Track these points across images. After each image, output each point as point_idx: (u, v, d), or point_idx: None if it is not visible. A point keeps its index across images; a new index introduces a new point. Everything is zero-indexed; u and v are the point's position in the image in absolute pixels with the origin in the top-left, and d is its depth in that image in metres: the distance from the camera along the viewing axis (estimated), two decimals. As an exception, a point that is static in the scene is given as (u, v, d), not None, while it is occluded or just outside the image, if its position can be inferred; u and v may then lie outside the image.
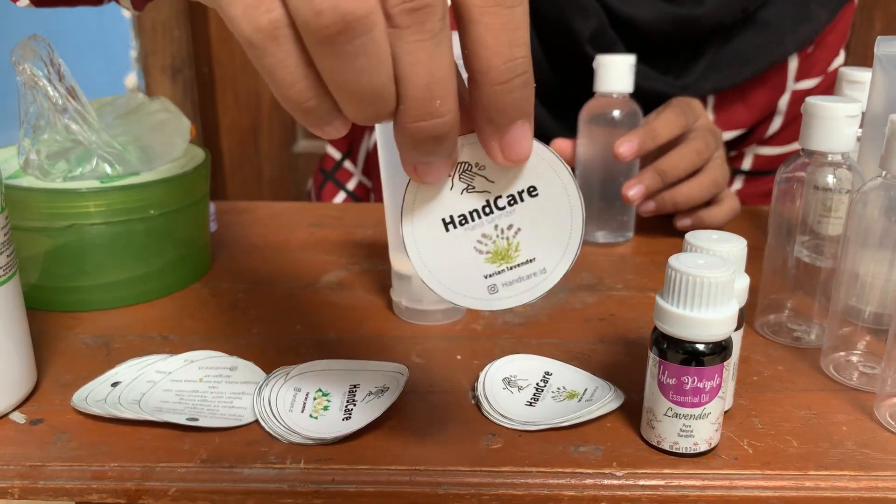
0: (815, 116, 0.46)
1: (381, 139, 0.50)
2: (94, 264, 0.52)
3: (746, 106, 0.76)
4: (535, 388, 0.43)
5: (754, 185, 0.82)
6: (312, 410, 0.40)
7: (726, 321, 0.36)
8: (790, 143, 0.81)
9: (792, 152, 0.79)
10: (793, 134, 0.80)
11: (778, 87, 0.77)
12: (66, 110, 0.52)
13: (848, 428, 0.41)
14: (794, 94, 0.78)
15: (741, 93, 0.76)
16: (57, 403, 0.42)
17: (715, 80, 0.73)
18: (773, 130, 0.80)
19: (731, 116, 0.76)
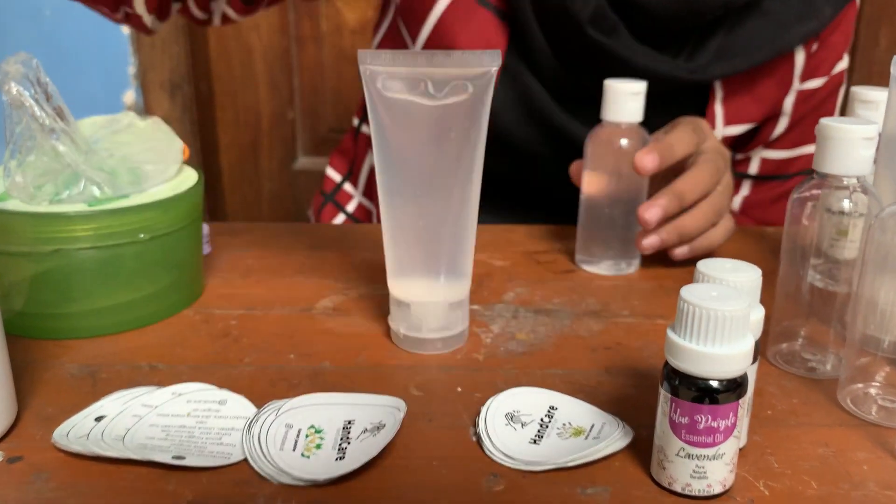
0: (829, 138, 0.44)
1: (378, 162, 0.48)
2: (81, 290, 0.50)
3: (754, 99, 0.74)
4: (539, 424, 0.41)
5: (761, 191, 0.81)
6: (304, 449, 0.38)
7: (742, 357, 0.34)
8: (797, 147, 0.79)
9: (799, 157, 0.78)
10: (798, 137, 0.78)
11: (784, 83, 0.75)
12: (54, 131, 0.50)
13: (869, 467, 0.39)
14: (800, 94, 0.77)
15: (749, 85, 0.74)
16: (38, 439, 0.40)
17: (724, 66, 0.71)
18: (778, 132, 0.78)
19: (739, 109, 0.74)
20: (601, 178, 0.62)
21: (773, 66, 0.73)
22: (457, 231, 0.48)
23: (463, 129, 0.46)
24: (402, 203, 0.48)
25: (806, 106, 0.77)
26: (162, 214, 0.52)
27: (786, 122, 0.77)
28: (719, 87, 0.74)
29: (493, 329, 0.53)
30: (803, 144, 0.79)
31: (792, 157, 0.79)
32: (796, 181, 0.77)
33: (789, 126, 0.78)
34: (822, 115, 0.76)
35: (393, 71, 0.45)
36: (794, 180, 0.80)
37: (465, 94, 0.46)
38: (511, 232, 0.72)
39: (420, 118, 0.46)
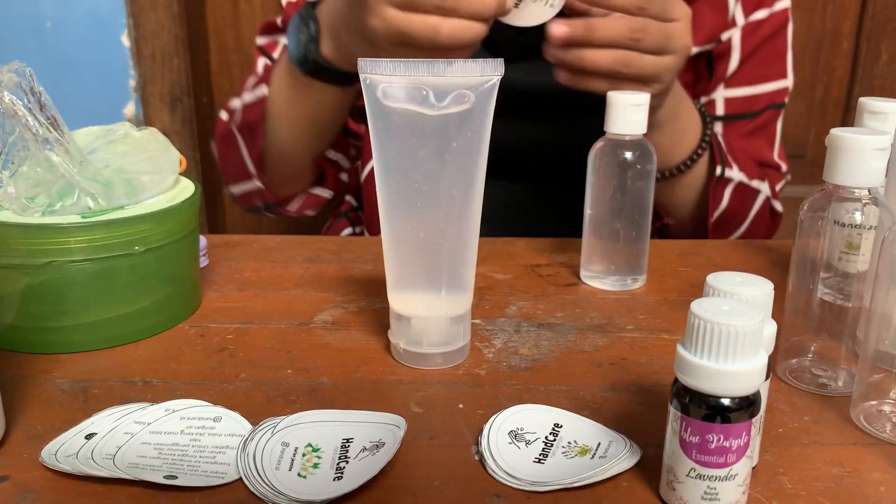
0: (840, 149, 0.43)
1: (379, 173, 0.47)
2: (74, 304, 0.49)
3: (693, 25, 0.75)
4: (543, 443, 0.40)
5: (733, 129, 0.83)
6: (301, 468, 0.37)
7: (755, 374, 0.33)
8: (756, 85, 0.82)
9: (760, 94, 0.82)
10: (755, 75, 0.82)
11: (720, 9, 0.80)
12: (47, 141, 0.49)
13: (886, 488, 0.37)
14: (746, 28, 0.81)
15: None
16: (25, 458, 0.39)
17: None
18: (732, 68, 0.82)
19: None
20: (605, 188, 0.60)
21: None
22: (458, 243, 0.47)
23: (465, 139, 0.45)
24: (403, 214, 0.47)
25: (753, 39, 0.81)
26: (157, 226, 0.51)
27: (737, 57, 0.81)
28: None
29: (495, 344, 0.52)
30: (761, 83, 0.82)
31: (753, 94, 0.83)
32: (764, 117, 0.82)
33: (741, 61, 0.81)
34: (774, 53, 0.82)
35: (393, 80, 0.44)
36: (761, 117, 0.83)
37: (466, 104, 0.45)
38: (511, 245, 0.71)
39: (421, 128, 0.45)
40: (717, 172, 0.76)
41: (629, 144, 0.59)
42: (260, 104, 0.74)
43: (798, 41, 1.39)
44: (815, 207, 0.46)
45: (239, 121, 0.78)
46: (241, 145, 0.78)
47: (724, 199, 0.78)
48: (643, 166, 0.59)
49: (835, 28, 1.39)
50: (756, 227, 0.82)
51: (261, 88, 0.74)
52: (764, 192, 0.82)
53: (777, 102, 0.84)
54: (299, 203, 0.83)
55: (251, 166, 0.78)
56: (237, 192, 0.84)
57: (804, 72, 1.41)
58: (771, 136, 0.85)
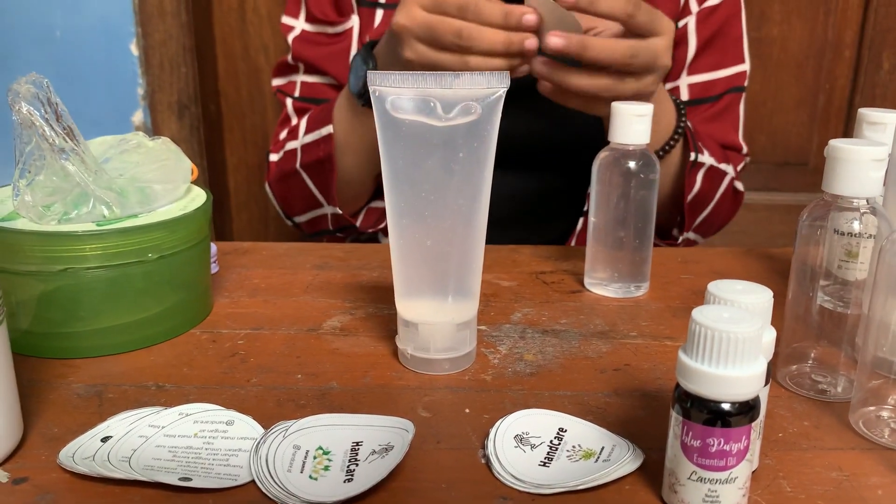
0: (838, 160, 0.44)
1: (387, 182, 0.48)
2: (89, 310, 0.50)
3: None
4: (548, 447, 0.41)
5: (696, 113, 0.86)
6: (312, 471, 0.38)
7: (755, 379, 0.34)
8: (715, 71, 0.86)
9: (719, 79, 0.86)
10: (713, 62, 0.86)
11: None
12: (63, 151, 0.50)
13: (884, 492, 0.38)
14: (700, 13, 0.85)
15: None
16: (43, 460, 0.40)
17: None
18: (691, 55, 0.85)
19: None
20: (609, 197, 0.61)
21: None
22: (465, 251, 0.48)
23: (471, 150, 0.46)
24: (411, 223, 0.48)
25: (708, 26, 0.85)
26: (170, 234, 0.52)
27: (694, 44, 0.85)
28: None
29: (500, 350, 0.53)
30: (720, 68, 0.86)
31: (712, 79, 0.86)
32: (725, 100, 0.86)
33: (699, 48, 0.85)
34: (730, 39, 0.85)
35: (402, 92, 0.45)
36: (722, 100, 0.87)
37: (473, 115, 0.46)
38: (516, 252, 0.72)
39: (429, 138, 0.46)
40: (691, 158, 0.78)
41: (633, 154, 0.60)
42: (326, 142, 0.78)
43: (800, 51, 1.41)
44: (815, 216, 0.47)
45: (301, 159, 0.82)
46: (307, 181, 0.82)
47: (697, 183, 0.81)
48: (646, 176, 0.60)
49: (836, 38, 1.40)
50: (720, 207, 0.85)
51: (325, 128, 0.78)
52: (729, 174, 0.85)
53: (737, 86, 0.87)
54: (363, 217, 0.86)
55: (321, 197, 0.82)
56: (302, 221, 0.88)
57: (806, 81, 1.42)
58: (734, 119, 0.88)
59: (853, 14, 1.39)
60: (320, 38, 0.87)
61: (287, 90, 0.88)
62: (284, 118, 0.88)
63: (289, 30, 0.88)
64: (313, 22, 0.86)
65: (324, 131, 0.78)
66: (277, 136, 0.88)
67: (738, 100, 0.88)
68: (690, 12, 0.85)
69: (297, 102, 0.87)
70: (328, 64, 0.85)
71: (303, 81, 0.87)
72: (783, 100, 1.43)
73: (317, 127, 0.80)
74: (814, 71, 1.42)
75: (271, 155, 0.87)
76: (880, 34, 1.39)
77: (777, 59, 1.40)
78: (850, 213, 0.46)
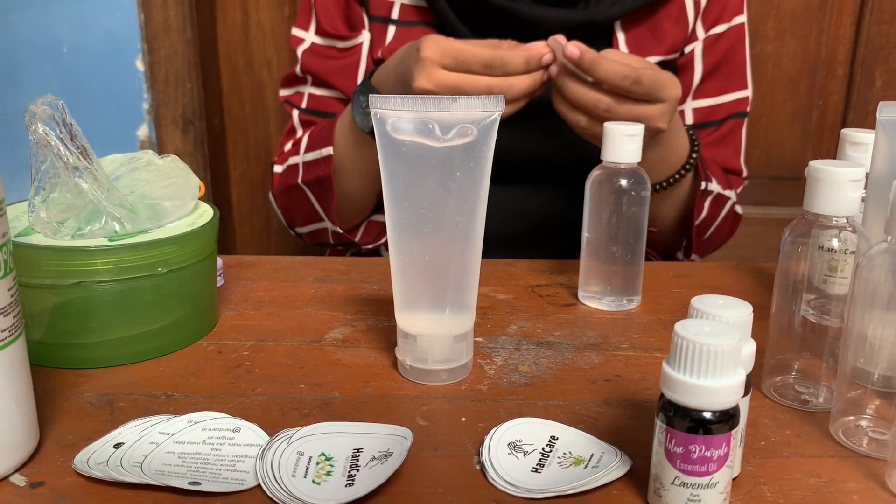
0: (818, 181, 0.46)
1: (387, 200, 0.50)
2: (100, 321, 0.52)
3: (655, 37, 0.85)
4: (540, 454, 0.43)
5: (700, 137, 0.88)
6: (315, 476, 0.40)
7: (733, 389, 0.36)
8: (719, 96, 0.89)
9: (722, 104, 0.89)
10: (717, 87, 0.89)
11: (681, 21, 0.86)
12: (77, 169, 0.52)
13: (860, 497, 0.40)
14: (706, 40, 0.87)
15: (649, 25, 0.85)
16: (58, 465, 0.42)
17: (617, 8, 0.81)
18: (696, 81, 0.88)
19: (641, 45, 0.84)
20: (602, 215, 0.64)
21: (666, 7, 0.85)
22: (462, 266, 0.50)
23: (468, 169, 0.49)
24: (410, 239, 0.50)
25: (714, 52, 0.88)
26: (179, 249, 0.54)
27: (700, 69, 0.88)
28: (620, 30, 0.84)
29: (496, 361, 0.55)
30: (723, 94, 0.89)
31: (716, 104, 0.89)
32: (728, 125, 0.88)
33: (705, 74, 0.88)
34: (734, 65, 0.89)
35: (402, 114, 0.48)
36: (725, 125, 0.90)
37: (469, 137, 0.48)
38: (512, 266, 0.74)
39: (427, 159, 0.48)
40: (702, 187, 0.81)
41: (624, 172, 0.62)
42: (325, 162, 0.80)
43: (794, 67, 1.43)
44: (797, 234, 0.49)
45: (303, 176, 0.84)
46: (310, 195, 0.84)
47: (705, 210, 0.83)
48: (637, 193, 0.62)
49: (829, 55, 1.43)
50: (721, 229, 0.89)
51: (326, 149, 0.80)
52: (732, 199, 0.88)
53: (740, 111, 0.90)
54: (363, 231, 0.88)
55: (322, 213, 0.84)
56: (304, 232, 0.90)
57: (800, 97, 1.44)
58: (736, 143, 0.91)
59: (846, 32, 1.42)
60: (330, 51, 0.88)
61: (294, 101, 0.90)
62: (290, 129, 0.90)
63: (298, 42, 0.89)
64: (323, 35, 0.88)
65: (324, 152, 0.80)
66: (282, 148, 0.89)
67: (740, 125, 0.90)
68: (697, 38, 0.87)
69: (303, 115, 0.89)
70: (336, 78, 0.87)
71: (310, 94, 0.89)
72: (777, 115, 1.46)
73: (317, 146, 0.82)
74: (807, 87, 1.44)
75: (276, 166, 0.89)
76: (872, 52, 1.42)
77: (771, 76, 1.42)
78: (830, 230, 0.48)
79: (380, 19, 0.86)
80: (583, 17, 0.80)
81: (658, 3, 0.84)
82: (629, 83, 0.65)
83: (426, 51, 0.65)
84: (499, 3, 0.78)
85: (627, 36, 0.84)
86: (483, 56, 0.65)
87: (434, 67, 0.65)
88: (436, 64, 0.65)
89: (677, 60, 0.88)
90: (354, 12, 0.87)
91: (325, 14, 0.87)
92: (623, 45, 0.84)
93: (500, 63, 0.65)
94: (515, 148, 0.82)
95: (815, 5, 1.39)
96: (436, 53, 0.65)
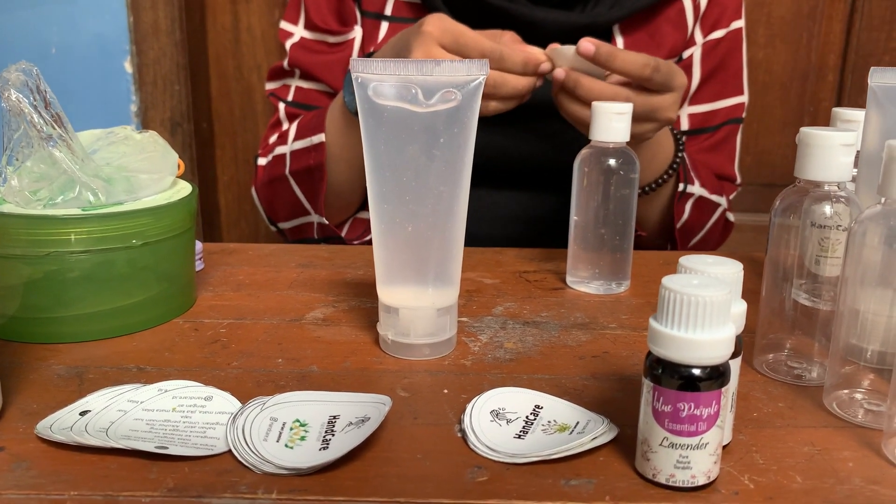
0: (809, 145, 0.45)
1: (369, 168, 0.49)
2: (73, 295, 0.51)
3: (654, 42, 0.84)
4: (524, 422, 0.41)
5: (695, 143, 0.88)
6: (288, 440, 0.38)
7: (723, 343, 0.34)
8: (714, 102, 0.88)
9: (718, 109, 0.88)
10: (714, 93, 0.88)
11: (680, 26, 0.85)
12: (51, 138, 0.51)
13: (854, 464, 0.39)
14: (705, 45, 0.86)
15: (648, 29, 0.84)
16: (20, 432, 0.40)
17: (616, 11, 0.81)
18: (694, 86, 0.87)
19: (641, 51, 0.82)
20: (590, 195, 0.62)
21: (665, 11, 0.84)
22: (445, 237, 0.49)
23: (451, 136, 0.47)
24: (392, 209, 0.49)
25: (712, 58, 0.87)
26: (155, 221, 0.52)
27: (698, 75, 0.87)
28: (619, 33, 0.83)
29: (481, 339, 0.53)
30: (719, 99, 0.88)
31: (712, 109, 0.88)
32: (724, 131, 0.87)
33: (702, 80, 0.87)
34: (730, 71, 0.88)
35: (384, 78, 0.46)
36: (721, 131, 0.88)
37: (453, 102, 0.47)
38: (500, 254, 0.73)
39: (410, 124, 0.47)
40: (679, 189, 0.80)
41: (613, 152, 0.61)
42: (317, 150, 0.79)
43: (784, 74, 1.43)
44: (787, 203, 0.48)
45: (291, 165, 0.82)
46: (295, 187, 0.82)
47: (686, 212, 0.82)
48: (626, 174, 0.61)
49: (820, 62, 1.43)
50: (710, 236, 0.87)
51: (317, 136, 0.79)
52: (722, 206, 0.86)
53: (735, 117, 0.89)
54: (348, 227, 0.87)
55: (308, 205, 0.82)
56: (287, 227, 0.88)
57: (791, 104, 1.44)
58: (731, 150, 0.90)
59: (835, 39, 1.42)
60: (319, 46, 0.87)
61: (280, 94, 0.89)
62: (275, 122, 0.89)
63: (287, 36, 0.88)
64: (313, 30, 0.87)
65: (315, 139, 0.79)
66: (267, 140, 0.88)
67: (735, 131, 0.89)
68: (696, 43, 0.86)
69: (289, 107, 0.88)
70: (325, 72, 0.85)
71: (297, 87, 0.88)
72: (769, 122, 1.45)
73: (308, 134, 0.81)
74: (798, 94, 1.44)
75: (259, 159, 0.87)
76: (863, 58, 1.42)
77: (762, 82, 1.42)
78: (822, 201, 0.47)
79: (373, 15, 0.85)
80: (582, 20, 0.79)
81: (657, 7, 0.83)
82: (649, 71, 0.64)
83: (429, 25, 0.65)
84: (497, 3, 0.78)
85: (626, 40, 0.83)
86: (483, 45, 0.65)
87: (433, 44, 0.64)
88: (435, 41, 0.64)
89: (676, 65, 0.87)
90: (347, 8, 0.86)
91: (315, 8, 0.86)
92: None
93: (498, 56, 0.65)
94: (510, 150, 0.81)
95: (805, 12, 1.40)
96: (437, 30, 0.65)
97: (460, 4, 0.79)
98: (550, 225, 0.85)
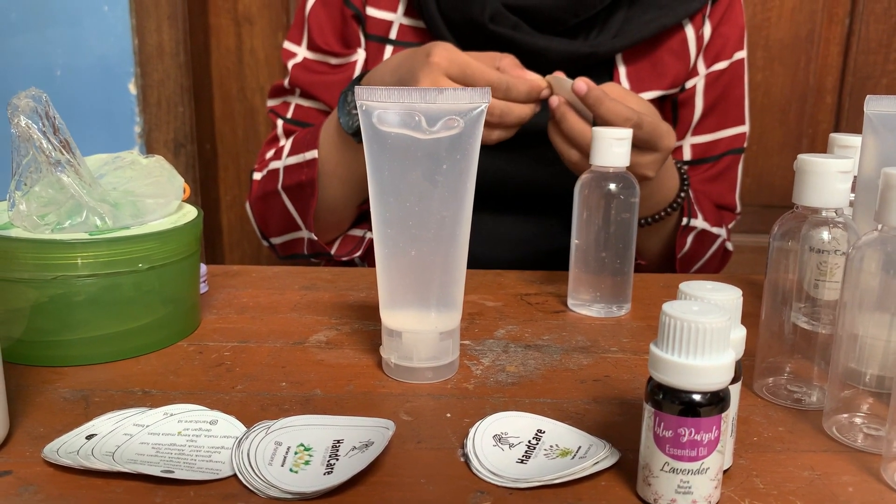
0: (807, 172, 0.46)
1: (373, 194, 0.49)
2: (79, 318, 0.51)
3: (656, 71, 0.84)
4: (527, 446, 0.41)
5: (696, 173, 0.89)
6: (293, 464, 0.39)
7: (723, 369, 0.35)
8: (716, 132, 0.89)
9: (720, 139, 0.89)
10: (715, 123, 0.89)
11: (682, 56, 0.85)
12: (59, 163, 0.52)
13: (854, 489, 0.39)
14: (708, 77, 0.87)
15: (650, 58, 0.84)
16: (27, 455, 0.40)
17: (619, 41, 0.81)
18: (697, 117, 0.88)
19: (642, 80, 0.84)
20: (591, 219, 0.63)
21: (668, 41, 0.84)
22: (448, 262, 0.50)
23: (454, 162, 0.48)
24: (395, 233, 0.49)
25: (715, 89, 0.87)
26: (161, 245, 0.53)
27: (701, 106, 0.88)
28: (621, 63, 0.83)
29: (483, 362, 0.54)
30: (721, 129, 0.89)
31: (714, 139, 0.89)
32: (725, 161, 0.88)
33: (704, 110, 0.88)
34: (732, 101, 0.89)
35: (388, 106, 0.47)
36: (722, 161, 0.90)
37: (456, 129, 0.48)
38: (502, 276, 0.73)
39: (413, 151, 0.48)
40: (683, 223, 0.81)
41: (613, 177, 0.62)
42: (309, 166, 0.79)
43: (783, 96, 1.45)
44: (785, 229, 0.48)
45: (283, 180, 0.83)
46: (287, 202, 0.83)
47: (688, 244, 0.83)
48: (627, 198, 0.62)
49: (818, 84, 1.44)
50: (709, 264, 0.89)
51: (310, 152, 0.79)
52: (721, 237, 0.87)
53: (736, 147, 0.90)
54: (339, 245, 0.87)
55: (299, 220, 0.83)
56: (278, 243, 0.88)
57: (790, 126, 1.46)
58: (732, 180, 0.91)
59: (833, 61, 1.43)
60: (321, 66, 0.88)
61: (280, 111, 0.90)
62: (273, 138, 0.89)
63: (290, 56, 0.89)
64: (315, 51, 0.88)
65: (308, 155, 0.79)
66: (263, 155, 0.89)
67: (737, 161, 0.90)
68: (698, 74, 0.87)
69: (287, 125, 0.89)
70: (324, 92, 0.86)
71: (297, 105, 0.89)
72: (768, 143, 1.47)
73: (301, 150, 0.81)
74: (797, 116, 1.45)
75: (255, 173, 0.88)
76: (860, 81, 1.44)
77: (761, 104, 1.44)
78: (820, 226, 0.47)
79: (377, 39, 0.86)
80: (584, 49, 0.80)
81: (659, 38, 0.84)
82: (630, 126, 0.65)
83: (436, 56, 0.66)
84: (500, 31, 0.78)
85: (629, 69, 0.83)
86: (489, 76, 0.66)
87: (440, 74, 0.65)
88: (442, 71, 0.65)
89: (678, 95, 0.87)
90: (351, 30, 0.87)
91: (318, 30, 0.87)
92: (624, 79, 0.83)
93: (504, 87, 0.66)
94: (511, 174, 0.82)
95: (803, 36, 1.41)
96: (444, 60, 0.66)
97: (465, 32, 0.80)
98: (551, 248, 0.86)
